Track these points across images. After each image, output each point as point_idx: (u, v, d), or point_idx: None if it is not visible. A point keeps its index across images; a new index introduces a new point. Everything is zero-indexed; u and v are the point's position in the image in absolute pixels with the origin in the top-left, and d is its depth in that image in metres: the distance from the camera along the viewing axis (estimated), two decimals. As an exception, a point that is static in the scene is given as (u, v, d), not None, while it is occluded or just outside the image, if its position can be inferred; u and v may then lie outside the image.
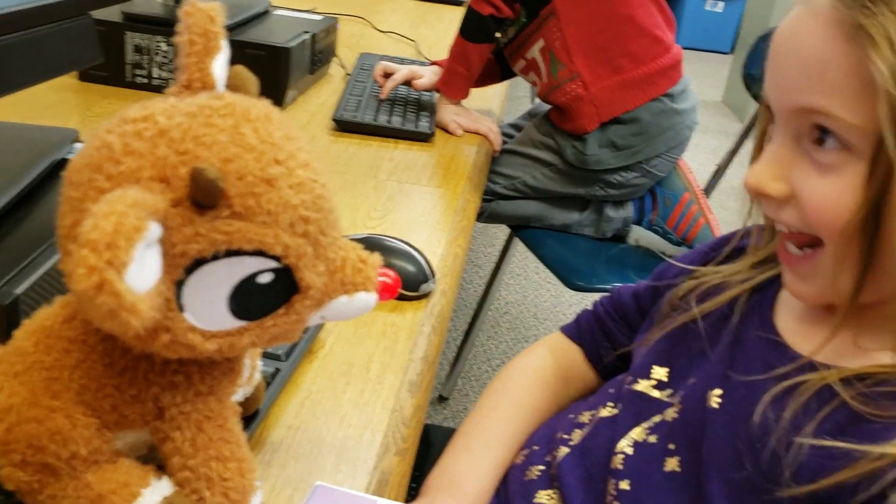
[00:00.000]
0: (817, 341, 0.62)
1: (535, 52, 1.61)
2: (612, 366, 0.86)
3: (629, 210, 1.64)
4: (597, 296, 0.96)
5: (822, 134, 0.57)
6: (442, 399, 2.13)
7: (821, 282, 0.61)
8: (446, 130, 1.49)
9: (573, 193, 1.64)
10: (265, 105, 0.47)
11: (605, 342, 0.87)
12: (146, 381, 0.49)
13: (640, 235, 1.72)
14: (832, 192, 0.56)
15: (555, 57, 1.57)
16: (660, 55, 1.54)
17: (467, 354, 2.15)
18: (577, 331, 0.90)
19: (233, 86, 0.49)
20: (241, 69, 0.50)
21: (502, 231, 1.83)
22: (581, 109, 1.56)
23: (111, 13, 1.35)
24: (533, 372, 0.86)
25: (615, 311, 0.87)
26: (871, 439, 0.54)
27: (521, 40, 1.62)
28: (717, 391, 0.64)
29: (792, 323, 0.67)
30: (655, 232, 1.66)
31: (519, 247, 1.72)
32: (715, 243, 0.79)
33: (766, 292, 0.70)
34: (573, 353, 0.89)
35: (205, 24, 0.49)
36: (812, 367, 0.61)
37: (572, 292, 2.48)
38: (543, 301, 2.64)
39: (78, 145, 0.83)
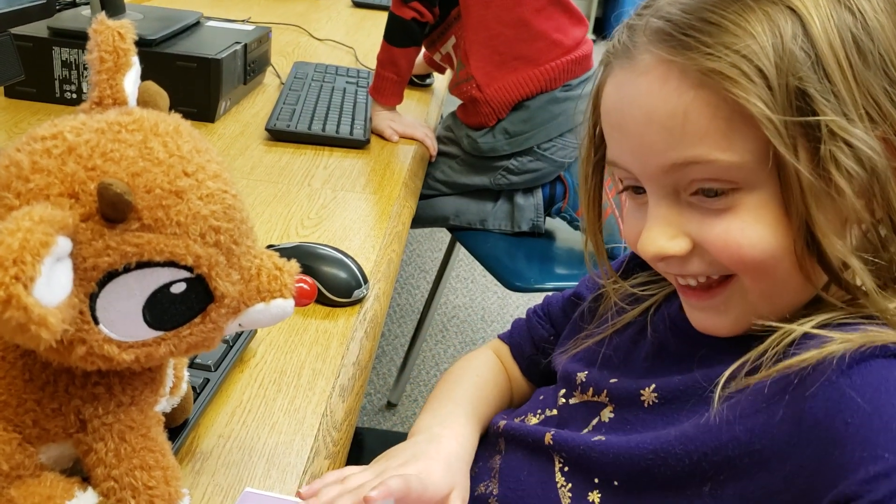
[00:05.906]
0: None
1: (448, 47, 1.66)
2: (534, 361, 0.89)
3: (538, 197, 1.67)
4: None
5: (700, 182, 0.56)
6: (390, 405, 2.14)
7: (738, 309, 0.61)
8: (382, 137, 1.51)
9: (479, 184, 1.68)
10: (174, 119, 0.48)
11: (529, 339, 0.90)
12: (67, 395, 0.50)
13: (553, 227, 1.77)
14: (737, 229, 0.56)
15: (459, 56, 1.61)
16: (557, 56, 1.57)
17: (415, 359, 2.16)
18: (510, 331, 0.94)
19: (143, 101, 0.50)
20: (151, 84, 0.51)
21: (448, 234, 1.86)
22: (479, 109, 1.60)
23: (37, 29, 1.33)
24: (481, 360, 0.90)
25: (542, 311, 0.91)
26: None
27: (434, 38, 1.66)
28: (651, 386, 0.66)
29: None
30: (564, 219, 1.71)
31: (465, 250, 1.75)
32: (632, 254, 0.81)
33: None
34: (504, 351, 0.92)
35: (114, 41, 0.50)
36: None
37: (518, 294, 2.51)
38: (490, 304, 2.66)
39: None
